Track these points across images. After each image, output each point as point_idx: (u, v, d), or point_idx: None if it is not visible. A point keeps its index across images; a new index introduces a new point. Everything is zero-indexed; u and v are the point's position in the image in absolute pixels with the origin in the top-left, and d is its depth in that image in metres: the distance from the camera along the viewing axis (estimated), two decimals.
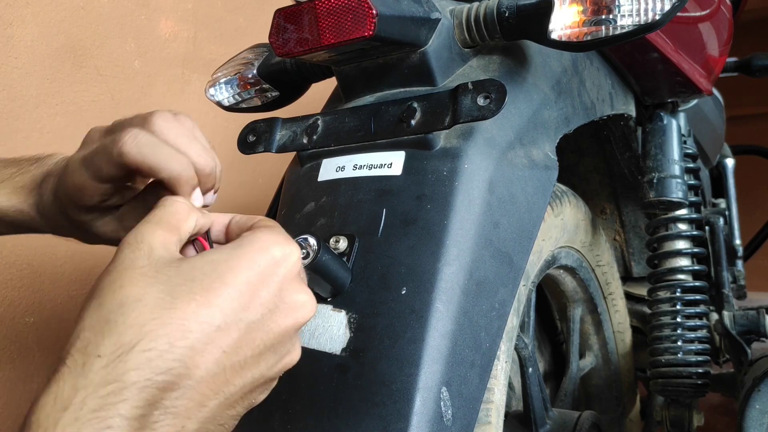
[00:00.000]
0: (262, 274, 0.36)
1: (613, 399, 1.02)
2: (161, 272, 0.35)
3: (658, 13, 0.52)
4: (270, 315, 0.36)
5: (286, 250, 0.38)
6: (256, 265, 0.36)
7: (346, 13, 0.49)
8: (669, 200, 0.87)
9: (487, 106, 0.49)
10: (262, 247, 0.37)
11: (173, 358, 0.32)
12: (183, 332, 0.33)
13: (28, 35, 1.07)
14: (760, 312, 1.01)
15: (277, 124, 0.60)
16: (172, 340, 0.32)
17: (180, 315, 0.33)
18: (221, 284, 0.35)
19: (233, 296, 0.35)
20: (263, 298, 0.36)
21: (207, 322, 0.34)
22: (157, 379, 0.31)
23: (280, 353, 0.37)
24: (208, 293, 0.34)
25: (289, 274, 0.38)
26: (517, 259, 0.54)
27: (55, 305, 1.12)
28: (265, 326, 0.36)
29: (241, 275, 0.35)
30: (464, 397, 0.47)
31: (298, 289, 0.38)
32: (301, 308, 0.38)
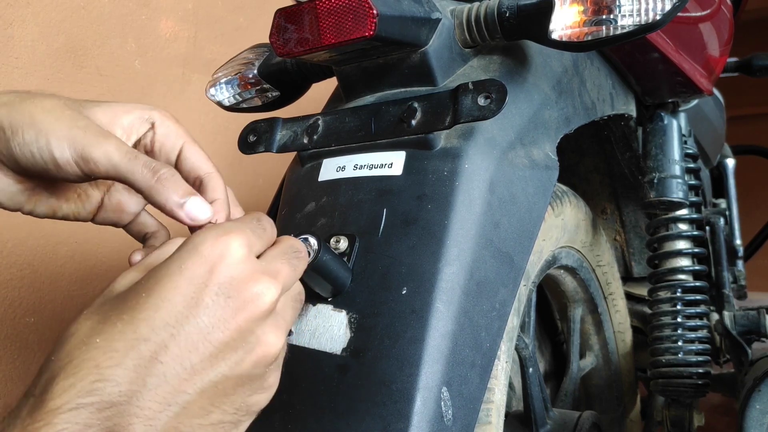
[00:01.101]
0: (193, 277, 0.35)
1: (613, 399, 1.02)
2: (104, 304, 0.35)
3: (659, 13, 0.52)
4: (213, 314, 0.35)
5: (218, 246, 0.36)
6: (184, 269, 0.35)
7: (347, 13, 0.49)
8: (669, 200, 0.87)
9: (488, 106, 0.49)
10: (190, 249, 0.36)
11: (99, 379, 0.32)
12: (109, 352, 0.32)
13: (29, 35, 1.07)
14: (760, 312, 1.01)
15: (277, 124, 0.60)
16: (98, 362, 0.32)
17: (106, 337, 0.33)
18: (147, 297, 0.34)
19: (161, 306, 0.34)
20: (200, 299, 0.35)
21: (133, 338, 0.33)
22: (83, 401, 0.31)
23: (242, 349, 0.36)
24: (133, 310, 0.34)
25: (229, 268, 0.36)
26: (517, 259, 0.54)
27: (55, 305, 1.12)
28: (210, 327, 0.35)
29: (168, 283, 0.34)
30: (465, 397, 0.47)
31: (246, 280, 0.36)
32: (253, 299, 0.36)
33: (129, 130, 0.47)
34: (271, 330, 0.37)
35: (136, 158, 0.42)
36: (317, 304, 0.50)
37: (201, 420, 0.35)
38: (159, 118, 0.47)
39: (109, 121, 0.46)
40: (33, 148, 0.42)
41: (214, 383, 0.35)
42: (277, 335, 0.38)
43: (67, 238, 1.13)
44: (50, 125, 0.42)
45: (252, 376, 0.37)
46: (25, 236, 1.07)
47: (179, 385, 0.34)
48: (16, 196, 0.46)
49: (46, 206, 0.48)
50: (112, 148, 0.42)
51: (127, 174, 0.42)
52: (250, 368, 0.37)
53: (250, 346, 0.36)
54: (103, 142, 0.42)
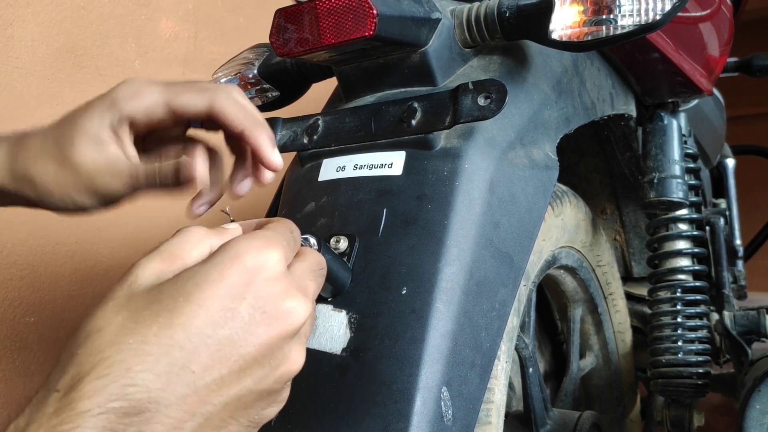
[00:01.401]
0: (233, 287, 0.34)
1: (613, 399, 1.02)
2: (132, 300, 0.34)
3: (659, 13, 0.52)
4: (247, 328, 0.34)
5: (260, 258, 0.35)
6: (225, 277, 0.34)
7: (347, 13, 0.49)
8: (669, 200, 0.87)
9: (488, 106, 0.49)
10: (232, 257, 0.35)
11: (130, 383, 0.31)
12: (141, 356, 0.32)
13: (29, 35, 1.07)
14: (760, 312, 1.01)
15: (277, 124, 0.60)
16: (130, 365, 0.31)
17: (139, 339, 0.32)
18: (185, 302, 0.33)
19: (198, 314, 0.33)
20: (236, 311, 0.34)
21: (168, 344, 0.32)
22: (112, 405, 0.30)
23: (269, 365, 0.36)
24: (171, 314, 0.33)
25: (268, 283, 0.35)
26: (517, 259, 0.54)
27: (55, 305, 1.12)
28: (243, 340, 0.34)
29: (208, 290, 0.34)
30: (464, 397, 0.47)
31: (282, 296, 0.36)
32: (286, 316, 0.36)
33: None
34: (297, 347, 0.37)
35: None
36: (317, 304, 0.50)
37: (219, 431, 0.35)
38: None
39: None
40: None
41: (238, 396, 0.35)
42: (302, 353, 0.38)
43: (67, 238, 1.13)
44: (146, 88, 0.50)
45: (271, 390, 0.37)
46: (25, 236, 1.07)
47: (206, 396, 0.33)
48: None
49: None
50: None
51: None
52: (273, 384, 0.36)
53: (277, 362, 0.36)
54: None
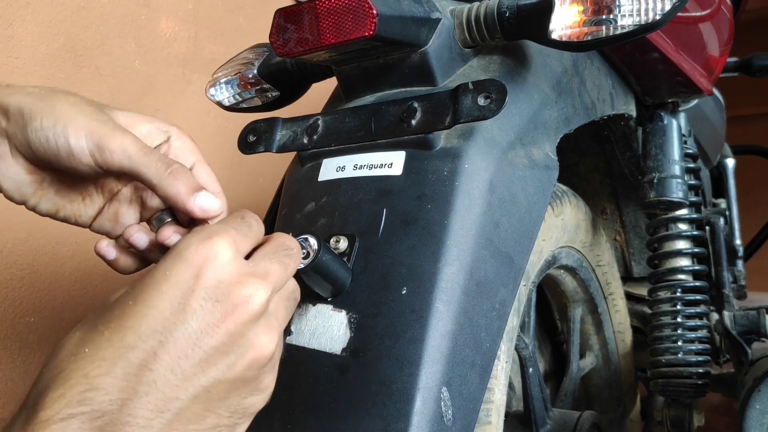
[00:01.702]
0: (179, 283, 0.34)
1: (613, 399, 1.02)
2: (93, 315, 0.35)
3: (659, 13, 0.52)
4: (202, 319, 0.34)
5: (204, 250, 0.35)
6: (169, 275, 0.34)
7: (347, 13, 0.49)
8: (669, 200, 0.87)
9: (488, 106, 0.49)
10: (175, 255, 0.35)
11: (89, 388, 0.31)
12: (97, 361, 0.32)
13: (29, 35, 1.07)
14: (760, 312, 1.01)
15: (277, 124, 0.60)
16: (87, 371, 0.32)
17: (94, 346, 0.33)
18: (133, 305, 0.34)
19: (147, 313, 0.34)
20: (188, 305, 0.34)
21: (121, 346, 0.33)
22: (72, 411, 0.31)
23: (234, 353, 0.35)
24: (120, 318, 0.34)
25: (216, 272, 0.35)
26: (517, 259, 0.54)
27: (55, 305, 1.12)
28: (199, 332, 0.34)
29: (153, 290, 0.34)
30: (464, 397, 0.47)
31: (234, 283, 0.35)
32: (242, 302, 0.35)
33: (146, 137, 0.48)
34: (263, 332, 0.37)
35: (151, 153, 0.43)
36: (317, 304, 0.50)
37: (196, 425, 0.35)
38: (176, 133, 0.49)
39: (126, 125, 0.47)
40: (49, 134, 0.43)
41: (206, 388, 0.35)
42: (270, 336, 0.37)
43: (67, 239, 1.13)
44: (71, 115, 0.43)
45: (245, 378, 0.37)
46: (25, 236, 1.07)
47: (171, 391, 0.33)
48: (23, 187, 0.47)
49: (51, 203, 0.48)
50: (129, 141, 0.43)
51: (141, 166, 0.43)
52: (243, 371, 0.36)
53: (241, 349, 0.36)
54: (120, 135, 0.43)
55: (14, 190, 0.47)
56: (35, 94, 0.44)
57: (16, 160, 0.45)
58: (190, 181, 0.43)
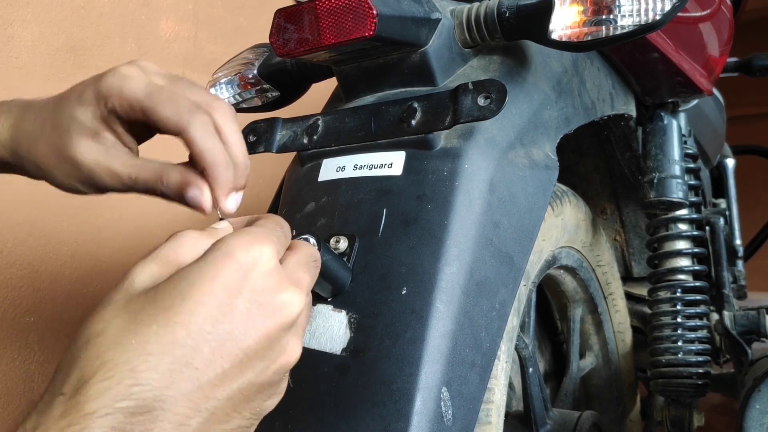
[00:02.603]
0: (228, 283, 0.35)
1: (613, 399, 1.02)
2: (130, 303, 0.35)
3: (659, 13, 0.52)
4: (246, 322, 0.35)
5: (252, 253, 0.36)
6: (219, 274, 0.35)
7: (347, 13, 0.49)
8: (669, 200, 0.87)
9: (488, 106, 0.49)
10: (225, 254, 0.36)
11: (135, 383, 0.31)
12: (144, 355, 0.32)
13: (29, 35, 1.07)
14: (760, 312, 1.01)
15: (277, 124, 0.60)
16: (134, 365, 0.32)
17: (141, 339, 0.33)
18: (182, 301, 0.34)
19: (197, 311, 0.34)
20: (234, 306, 0.35)
21: (169, 342, 0.33)
22: (119, 405, 0.31)
23: (269, 357, 0.36)
24: (169, 312, 0.34)
25: (262, 277, 0.36)
26: (517, 259, 0.54)
27: (55, 305, 1.12)
28: (242, 334, 0.35)
29: (203, 288, 0.34)
30: (464, 397, 0.47)
31: (277, 289, 0.36)
32: (282, 308, 0.36)
33: None
34: (294, 339, 0.38)
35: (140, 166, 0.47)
36: (317, 304, 0.50)
37: (224, 426, 0.35)
38: None
39: None
40: None
41: (240, 390, 0.35)
42: (299, 344, 0.38)
43: (67, 238, 1.13)
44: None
45: (272, 382, 0.37)
46: (25, 236, 1.07)
47: (210, 391, 0.34)
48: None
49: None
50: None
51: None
52: (272, 375, 0.37)
53: (275, 354, 0.37)
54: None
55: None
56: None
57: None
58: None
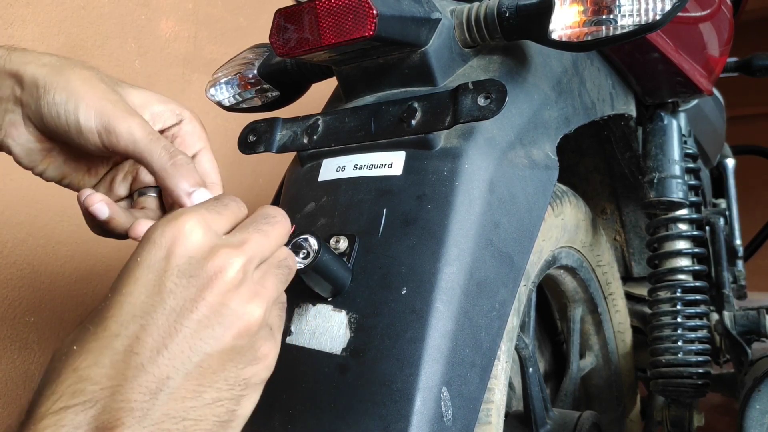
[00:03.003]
0: (150, 265, 0.35)
1: (613, 399, 1.02)
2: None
3: (659, 13, 0.52)
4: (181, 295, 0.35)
5: (170, 231, 0.36)
6: (141, 261, 0.35)
7: (347, 13, 0.49)
8: (669, 200, 0.87)
9: (488, 106, 0.49)
10: (144, 239, 0.36)
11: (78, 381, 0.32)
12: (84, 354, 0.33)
13: (29, 35, 1.07)
14: (760, 312, 1.01)
15: (277, 124, 0.60)
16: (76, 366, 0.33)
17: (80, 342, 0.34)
18: (111, 296, 0.35)
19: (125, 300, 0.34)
20: (162, 285, 0.35)
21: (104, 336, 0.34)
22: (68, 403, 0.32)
23: (220, 323, 0.35)
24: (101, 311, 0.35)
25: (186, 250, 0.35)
26: (517, 259, 0.54)
27: (55, 305, 1.12)
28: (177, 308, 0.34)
29: (129, 277, 0.35)
30: (464, 397, 0.47)
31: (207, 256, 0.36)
32: (219, 272, 0.35)
33: (157, 117, 0.49)
34: (247, 300, 0.36)
35: (157, 139, 0.45)
36: (317, 304, 0.50)
37: (194, 402, 0.34)
38: (188, 117, 0.50)
39: (141, 104, 0.48)
40: (60, 110, 0.44)
41: (197, 364, 0.34)
42: (257, 303, 0.37)
43: (67, 238, 1.13)
44: (83, 92, 0.44)
45: (237, 348, 0.36)
46: (24, 236, 1.07)
47: (160, 371, 0.33)
48: (33, 154, 0.48)
49: (58, 171, 0.50)
50: (136, 125, 0.44)
51: (145, 152, 0.44)
52: (233, 341, 0.36)
53: (227, 319, 0.35)
54: (129, 118, 0.44)
55: (24, 156, 0.48)
56: (51, 65, 0.45)
57: (27, 128, 0.47)
58: (191, 174, 0.44)
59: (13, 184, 1.03)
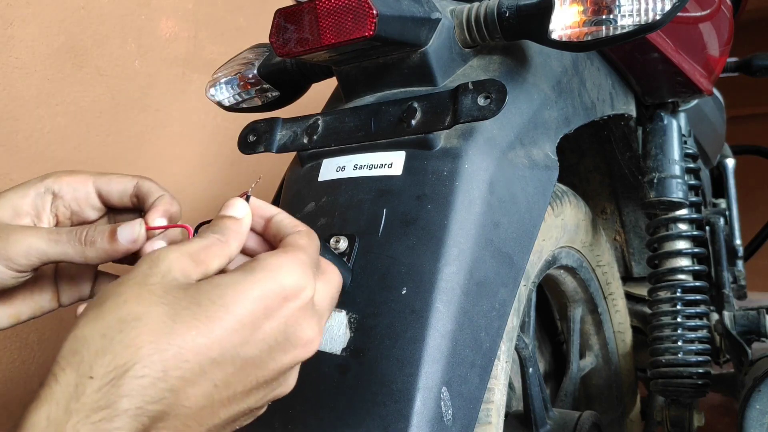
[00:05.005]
0: (269, 308, 0.35)
1: (613, 399, 1.02)
2: (169, 293, 0.34)
3: (659, 13, 0.52)
4: (270, 351, 0.35)
5: (300, 283, 0.36)
6: (263, 296, 0.34)
7: (347, 13, 0.49)
8: (669, 200, 0.87)
9: (488, 106, 0.49)
10: (274, 277, 0.35)
11: (166, 387, 0.31)
12: (179, 361, 0.32)
13: (29, 35, 1.07)
14: (760, 312, 1.01)
15: (277, 124, 0.60)
16: (167, 368, 0.31)
17: (178, 342, 0.32)
18: (225, 313, 0.33)
19: (235, 328, 0.33)
20: (266, 332, 0.35)
21: (204, 354, 0.32)
22: (149, 408, 0.30)
23: (272, 387, 0.37)
24: (210, 322, 0.33)
25: (299, 309, 0.36)
26: (517, 259, 0.54)
27: None
28: (262, 363, 0.35)
29: (246, 306, 0.34)
30: (464, 397, 0.47)
31: (305, 326, 0.36)
32: (303, 346, 0.36)
33: (36, 210, 0.47)
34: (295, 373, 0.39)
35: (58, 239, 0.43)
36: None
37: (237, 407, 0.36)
38: (54, 183, 0.47)
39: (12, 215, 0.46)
40: None
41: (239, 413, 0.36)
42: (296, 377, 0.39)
43: None
44: None
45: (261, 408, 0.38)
46: None
47: (218, 409, 0.34)
48: None
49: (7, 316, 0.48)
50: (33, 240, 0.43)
51: (61, 256, 0.43)
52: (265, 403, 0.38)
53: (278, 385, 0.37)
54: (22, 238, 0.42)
55: None
56: None
57: None
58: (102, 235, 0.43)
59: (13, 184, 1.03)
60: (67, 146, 1.15)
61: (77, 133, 1.16)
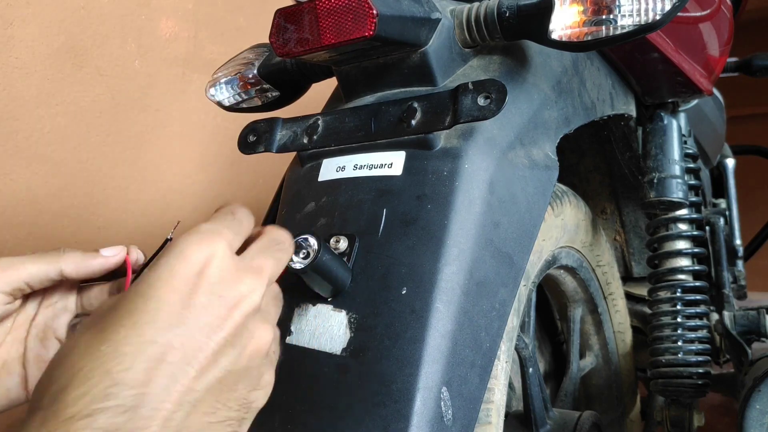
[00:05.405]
0: (186, 280, 0.36)
1: (613, 399, 1.02)
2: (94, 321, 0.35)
3: (659, 13, 0.52)
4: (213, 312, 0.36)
5: (204, 250, 0.37)
6: (175, 273, 0.36)
7: (347, 13, 0.49)
8: (669, 200, 0.87)
9: (488, 106, 0.49)
10: (177, 255, 0.36)
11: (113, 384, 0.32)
12: (118, 357, 0.33)
13: (29, 35, 1.07)
14: (760, 312, 1.01)
15: (277, 124, 0.60)
16: (109, 368, 0.32)
17: (111, 344, 0.33)
18: (144, 301, 0.35)
19: (161, 308, 0.34)
20: (196, 301, 0.35)
21: (140, 342, 0.33)
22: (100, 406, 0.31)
23: (239, 344, 0.37)
24: (133, 315, 0.34)
25: (218, 271, 0.37)
26: (517, 259, 0.54)
27: None
28: (208, 326, 0.35)
29: (163, 286, 0.35)
30: (464, 397, 0.47)
31: (234, 280, 0.37)
32: (242, 297, 0.37)
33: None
34: (261, 324, 0.39)
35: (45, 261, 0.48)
36: (317, 304, 0.50)
37: (210, 418, 0.35)
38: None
39: None
40: None
41: (218, 379, 0.36)
42: (266, 329, 0.39)
43: (67, 238, 1.13)
44: None
45: (249, 369, 0.38)
46: (25, 236, 1.07)
47: (189, 383, 0.34)
48: None
49: None
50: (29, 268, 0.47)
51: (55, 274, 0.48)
52: (248, 362, 0.38)
53: (245, 340, 0.37)
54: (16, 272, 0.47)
55: None
56: None
57: None
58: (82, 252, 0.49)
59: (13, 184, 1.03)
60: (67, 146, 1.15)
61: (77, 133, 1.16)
